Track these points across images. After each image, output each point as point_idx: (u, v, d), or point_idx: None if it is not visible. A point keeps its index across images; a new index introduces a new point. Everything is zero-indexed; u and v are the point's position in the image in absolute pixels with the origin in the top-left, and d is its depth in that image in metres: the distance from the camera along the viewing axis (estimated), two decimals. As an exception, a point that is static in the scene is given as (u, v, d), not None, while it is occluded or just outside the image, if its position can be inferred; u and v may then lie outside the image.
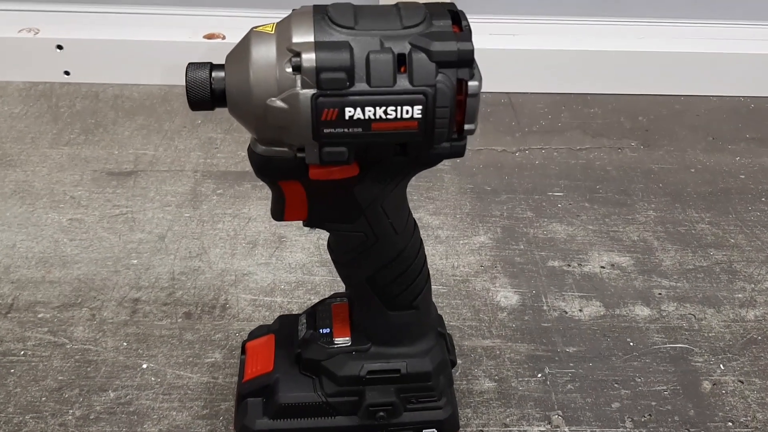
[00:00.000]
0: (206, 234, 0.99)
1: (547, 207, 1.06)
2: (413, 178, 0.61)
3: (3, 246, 0.95)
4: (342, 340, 0.67)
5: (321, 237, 0.99)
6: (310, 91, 0.50)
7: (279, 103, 0.51)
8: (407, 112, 0.51)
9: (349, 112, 0.50)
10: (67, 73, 1.29)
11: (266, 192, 1.07)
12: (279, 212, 0.60)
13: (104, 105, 1.25)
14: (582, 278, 0.94)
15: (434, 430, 0.68)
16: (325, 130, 0.51)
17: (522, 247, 0.99)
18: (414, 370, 0.66)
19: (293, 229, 1.00)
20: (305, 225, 0.61)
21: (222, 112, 1.29)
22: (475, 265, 0.95)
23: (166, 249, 0.96)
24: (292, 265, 0.94)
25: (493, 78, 1.30)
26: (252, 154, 0.56)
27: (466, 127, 0.53)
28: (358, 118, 0.51)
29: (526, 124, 1.26)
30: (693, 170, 1.15)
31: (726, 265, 0.97)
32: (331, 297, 0.72)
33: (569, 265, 0.96)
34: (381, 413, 0.66)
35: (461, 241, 0.99)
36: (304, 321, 0.70)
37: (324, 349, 0.67)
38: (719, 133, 1.25)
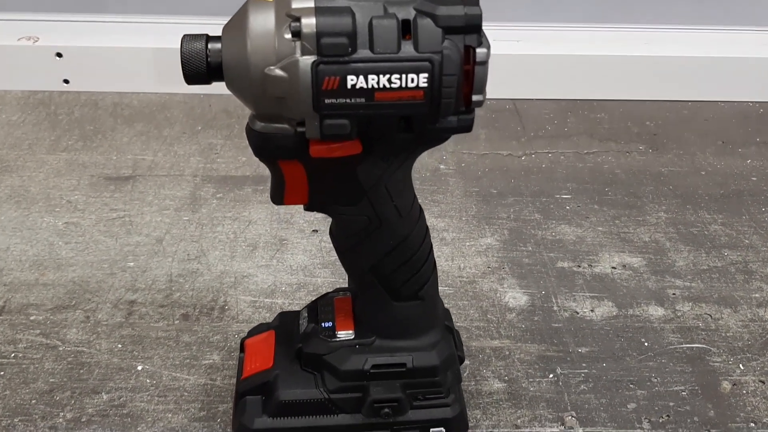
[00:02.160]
0: (205, 237, 0.96)
1: (555, 209, 1.04)
2: (417, 182, 0.59)
3: (-4, 249, 0.93)
4: (345, 334, 0.64)
5: (323, 239, 0.96)
6: (311, 58, 0.48)
7: (278, 72, 0.48)
8: (412, 80, 0.49)
9: (351, 80, 0.48)
10: (66, 81, 1.28)
11: (267, 196, 1.04)
12: (279, 195, 0.57)
13: (103, 112, 1.24)
14: (593, 279, 0.91)
15: (442, 429, 0.65)
16: (326, 101, 0.49)
17: (530, 248, 0.96)
18: (420, 364, 0.63)
19: (294, 231, 0.97)
20: (306, 209, 0.59)
21: (222, 119, 1.27)
22: (482, 267, 0.92)
23: (164, 252, 0.93)
24: (293, 267, 0.91)
25: (498, 84, 1.28)
26: (250, 132, 0.54)
27: (474, 98, 0.51)
28: (361, 87, 0.48)
29: (532, 129, 1.23)
30: (703, 173, 1.13)
31: (741, 265, 0.94)
32: (333, 291, 0.69)
33: (579, 266, 0.93)
34: (386, 410, 0.63)
35: (467, 243, 0.97)
36: (306, 315, 0.67)
37: (326, 343, 0.64)
38: (729, 137, 1.23)
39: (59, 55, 1.26)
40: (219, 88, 1.38)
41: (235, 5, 0.51)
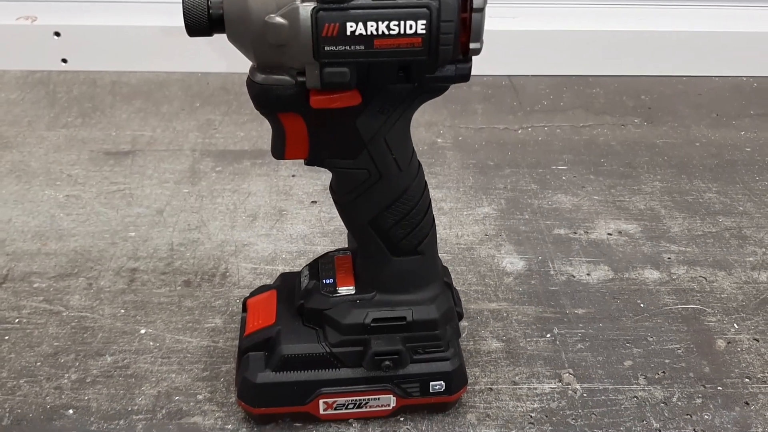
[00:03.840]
0: (205, 208, 0.97)
1: (552, 179, 1.05)
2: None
3: (-2, 221, 0.93)
4: (346, 289, 0.65)
5: (322, 210, 0.97)
6: (310, 5, 0.49)
7: (278, 19, 0.49)
8: (411, 27, 0.49)
9: (350, 27, 0.49)
10: (64, 60, 1.29)
11: (266, 168, 1.06)
12: (279, 149, 0.58)
13: (102, 90, 1.24)
14: (589, 245, 0.92)
15: (442, 382, 0.66)
16: (326, 48, 0.50)
17: (527, 216, 0.97)
18: (420, 317, 0.64)
19: (294, 202, 0.98)
20: (306, 163, 0.59)
21: (220, 96, 1.28)
22: (480, 234, 0.94)
23: (165, 222, 0.94)
24: (293, 236, 0.92)
25: (494, 60, 1.29)
26: (251, 84, 0.54)
27: (472, 46, 0.52)
28: (360, 34, 0.49)
29: (528, 104, 1.24)
30: (698, 144, 1.14)
31: (735, 230, 0.95)
32: (334, 251, 0.70)
33: (575, 233, 0.94)
34: (387, 362, 0.64)
35: (465, 212, 0.98)
36: (307, 273, 0.68)
37: (327, 298, 0.65)
38: (723, 110, 1.24)
39: (57, 34, 1.27)
40: (216, 66, 1.38)
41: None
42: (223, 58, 1.25)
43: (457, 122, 1.18)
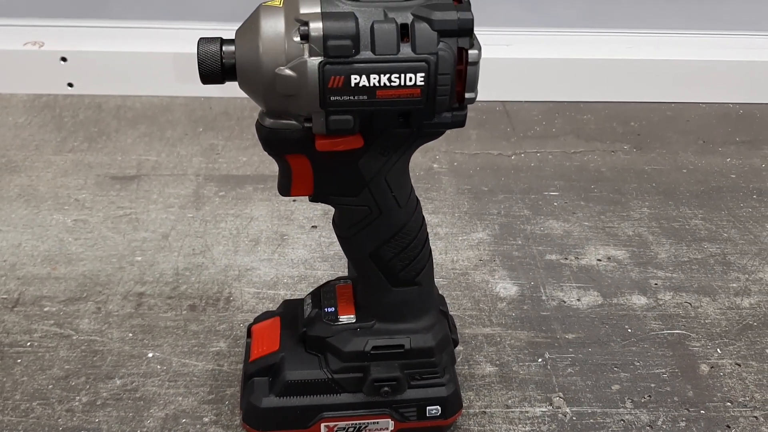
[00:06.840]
0: (209, 233, 1.00)
1: (544, 205, 1.08)
2: (413, 180, 0.64)
3: (8, 245, 0.96)
4: (346, 318, 0.68)
5: (322, 234, 1.00)
6: (318, 59, 0.52)
7: (287, 72, 0.53)
8: (410, 79, 0.53)
9: (354, 79, 0.53)
10: (70, 84, 1.32)
11: (268, 193, 1.09)
12: (286, 187, 0.62)
13: (107, 115, 1.28)
14: (579, 270, 0.96)
15: (438, 407, 0.69)
16: (331, 98, 0.53)
17: (520, 242, 1.01)
18: (417, 345, 0.67)
19: (295, 227, 1.02)
20: (311, 200, 0.63)
21: (222, 121, 1.31)
22: (474, 260, 0.97)
23: (170, 247, 0.97)
24: (294, 261, 0.96)
25: (488, 87, 1.33)
26: (260, 128, 0.58)
27: (467, 95, 0.55)
28: (364, 86, 0.53)
29: (521, 129, 1.28)
30: (685, 171, 1.18)
31: (720, 257, 0.99)
32: (335, 279, 0.73)
33: (566, 259, 0.98)
34: (386, 388, 0.67)
35: (460, 238, 1.01)
36: (309, 302, 0.71)
37: (329, 326, 0.68)
38: (710, 136, 1.28)
39: (64, 59, 1.30)
40: (218, 91, 1.42)
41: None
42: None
43: (452, 148, 1.22)
